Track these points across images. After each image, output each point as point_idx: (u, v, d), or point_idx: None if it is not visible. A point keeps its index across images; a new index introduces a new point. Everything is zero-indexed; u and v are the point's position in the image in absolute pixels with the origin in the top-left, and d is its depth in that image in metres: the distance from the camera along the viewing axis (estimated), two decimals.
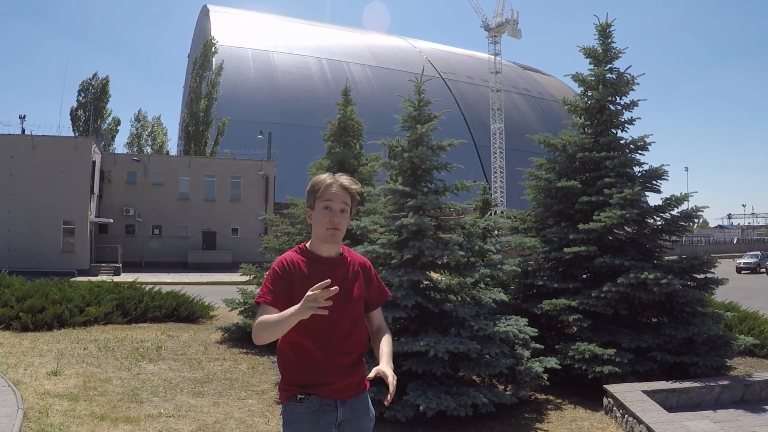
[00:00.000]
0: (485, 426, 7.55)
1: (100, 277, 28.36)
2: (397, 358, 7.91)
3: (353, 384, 3.36)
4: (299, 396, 3.26)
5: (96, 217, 43.11)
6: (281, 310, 3.10)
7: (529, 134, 14.31)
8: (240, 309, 13.63)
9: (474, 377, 8.28)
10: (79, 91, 63.17)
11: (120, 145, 73.35)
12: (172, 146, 76.47)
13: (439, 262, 8.49)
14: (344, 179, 3.37)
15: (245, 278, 13.99)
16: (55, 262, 36.67)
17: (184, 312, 16.59)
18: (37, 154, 38.28)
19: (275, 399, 8.63)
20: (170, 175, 47.87)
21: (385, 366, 3.27)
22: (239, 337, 13.09)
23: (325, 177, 3.36)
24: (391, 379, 3.18)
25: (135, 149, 67.94)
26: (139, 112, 72.61)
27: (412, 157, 8.71)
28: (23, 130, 42.63)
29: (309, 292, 2.90)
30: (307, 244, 3.42)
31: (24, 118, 44.31)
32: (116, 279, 25.43)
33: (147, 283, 18.65)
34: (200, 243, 47.51)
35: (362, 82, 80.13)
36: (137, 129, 72.77)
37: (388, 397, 3.14)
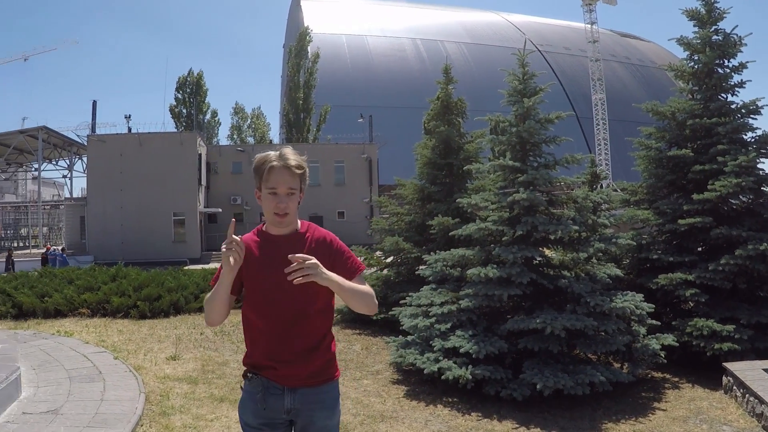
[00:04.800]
0: (601, 405, 7.38)
1: (211, 265, 29.21)
2: (513, 336, 7.87)
3: (304, 374, 3.11)
4: (248, 374, 3.17)
5: (205, 207, 44.46)
6: (231, 292, 3.10)
7: (631, 103, 13.87)
8: None
9: (590, 355, 8.13)
10: (176, 88, 65.37)
11: (223, 137, 75.45)
12: (274, 135, 77.97)
13: (552, 238, 8.35)
14: (291, 159, 3.09)
15: None
16: (168, 253, 38.05)
17: None
18: (145, 150, 39.77)
19: (390, 379, 8.73)
20: None
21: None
22: (352, 319, 13.22)
23: (270, 157, 3.11)
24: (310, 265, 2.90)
25: (237, 140, 69.56)
26: (237, 104, 74.31)
27: (520, 132, 8.59)
28: (129, 129, 44.45)
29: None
30: (263, 225, 3.28)
31: (129, 117, 46.17)
32: None
33: None
34: None
35: (458, 61, 79.27)
36: (237, 121, 74.49)
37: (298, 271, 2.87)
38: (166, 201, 39.31)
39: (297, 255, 2.93)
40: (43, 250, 32.90)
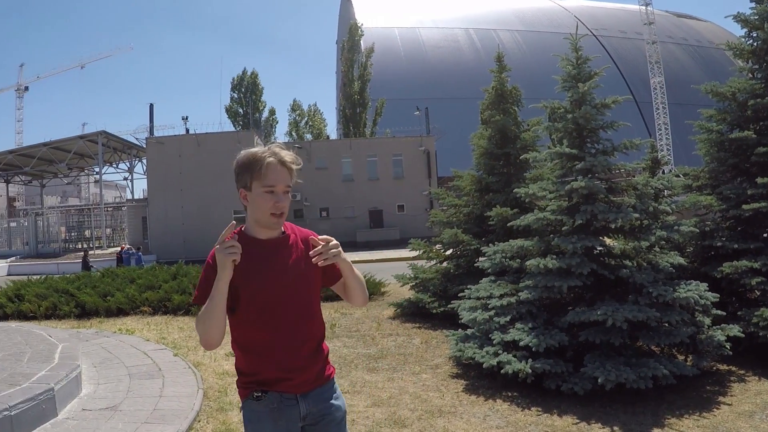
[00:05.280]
0: (665, 399, 7.12)
1: None
2: (573, 329, 7.71)
3: (314, 375, 3.04)
4: (255, 393, 2.96)
5: None
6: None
7: (691, 85, 13.43)
8: (411, 284, 13.70)
9: (653, 347, 7.87)
10: (231, 88, 66.37)
11: (280, 134, 76.27)
12: (332, 131, 78.47)
13: (613, 226, 8.14)
14: (285, 155, 2.94)
15: (414, 253, 14.03)
16: None
17: None
18: (203, 151, 40.57)
19: (449, 373, 8.63)
20: (333, 158, 49.21)
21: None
22: (411, 312, 13.16)
23: (262, 152, 2.92)
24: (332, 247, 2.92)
25: (295, 137, 70.26)
26: (294, 101, 74.94)
27: (576, 118, 8.40)
28: (187, 130, 45.40)
29: (217, 244, 2.73)
30: (243, 228, 3.03)
31: (187, 119, 47.22)
32: None
33: None
34: (367, 222, 48.49)
35: (512, 49, 78.67)
36: (295, 118, 75.16)
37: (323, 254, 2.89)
38: (225, 199, 39.88)
39: (321, 237, 2.93)
40: (118, 250, 33.93)
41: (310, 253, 2.92)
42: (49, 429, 6.67)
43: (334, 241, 2.93)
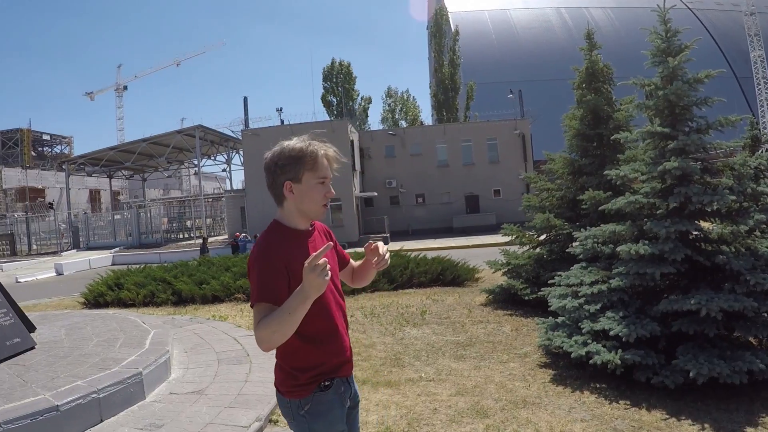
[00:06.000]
0: (760, 396, 6.59)
1: None
2: (666, 318, 7.32)
3: (352, 357, 3.21)
4: (324, 383, 2.98)
5: (360, 192, 45.34)
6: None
7: None
8: (503, 270, 13.44)
9: (751, 339, 7.38)
10: (323, 78, 67.21)
11: (375, 122, 77.01)
12: (426, 116, 78.38)
13: (708, 210, 7.64)
14: (330, 150, 3.04)
15: (507, 238, 13.74)
16: None
17: (449, 276, 16.80)
18: None
19: (537, 362, 8.37)
20: (427, 144, 49.02)
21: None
22: (503, 299, 12.94)
23: (312, 146, 2.97)
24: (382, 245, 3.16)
25: (390, 124, 70.55)
26: (389, 88, 75.28)
27: (667, 95, 7.93)
28: (282, 121, 46.33)
29: (306, 265, 2.53)
30: (279, 220, 3.05)
31: (281, 110, 48.25)
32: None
33: (414, 250, 19.12)
34: (464, 207, 48.14)
35: (605, 26, 76.56)
36: (389, 105, 75.39)
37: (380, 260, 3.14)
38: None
39: (377, 243, 3.14)
40: (232, 238, 35.21)
41: (373, 261, 3.16)
42: (137, 411, 6.96)
43: (386, 247, 3.17)
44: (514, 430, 5.91)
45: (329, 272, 2.58)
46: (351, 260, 3.44)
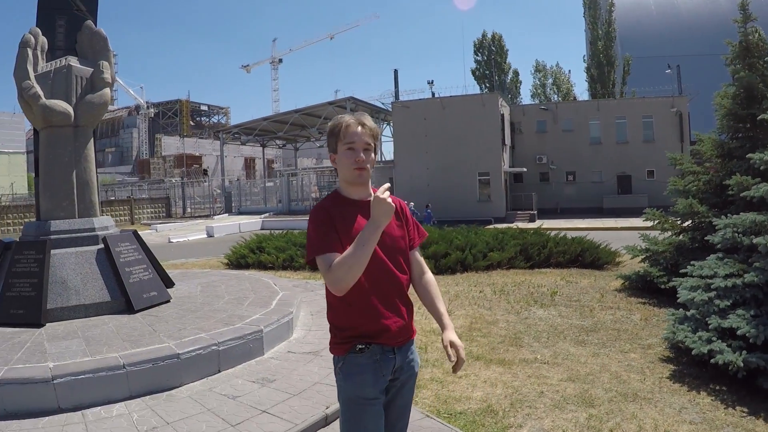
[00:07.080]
0: None
1: (514, 224, 29.34)
2: None
3: (407, 328, 3.22)
4: (359, 346, 3.10)
5: (510, 167, 44.81)
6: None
7: None
8: (642, 256, 12.88)
9: None
10: (474, 51, 66.63)
11: (526, 96, 75.93)
12: (580, 92, 76.31)
13: None
14: (365, 118, 3.20)
15: (649, 223, 13.12)
16: (473, 212, 39.16)
17: (588, 258, 16.41)
18: (447, 114, 41.25)
19: (660, 355, 7.99)
20: (579, 120, 47.40)
21: (451, 333, 3.18)
22: (639, 286, 12.46)
23: (345, 118, 3.18)
24: (461, 350, 3.14)
25: (541, 99, 69.12)
26: (537, 62, 73.64)
27: None
28: (433, 94, 46.34)
29: (377, 194, 2.83)
30: (337, 189, 3.27)
31: (432, 83, 48.33)
32: (530, 225, 26.21)
33: (560, 229, 18.85)
34: (615, 187, 46.28)
35: None
36: (539, 79, 73.85)
37: (457, 364, 3.14)
38: (470, 161, 40.35)
39: (457, 345, 3.15)
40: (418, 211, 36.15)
41: (451, 358, 3.12)
42: (253, 365, 7.43)
43: (462, 347, 3.18)
44: (616, 424, 5.68)
45: (391, 201, 2.88)
46: (417, 252, 3.43)
